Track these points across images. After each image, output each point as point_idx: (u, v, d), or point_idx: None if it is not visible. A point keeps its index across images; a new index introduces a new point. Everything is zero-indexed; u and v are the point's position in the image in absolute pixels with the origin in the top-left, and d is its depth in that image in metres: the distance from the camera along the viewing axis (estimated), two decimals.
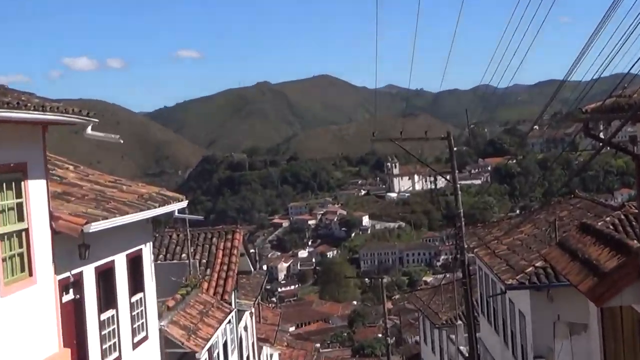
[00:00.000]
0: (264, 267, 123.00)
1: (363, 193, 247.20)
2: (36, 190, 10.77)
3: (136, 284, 15.06)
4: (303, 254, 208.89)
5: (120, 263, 14.15)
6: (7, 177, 10.18)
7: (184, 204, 16.42)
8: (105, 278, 13.54)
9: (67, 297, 12.06)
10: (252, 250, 34.55)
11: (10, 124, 9.77)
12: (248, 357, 26.25)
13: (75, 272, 12.10)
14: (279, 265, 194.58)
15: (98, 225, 11.46)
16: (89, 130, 11.76)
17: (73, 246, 11.75)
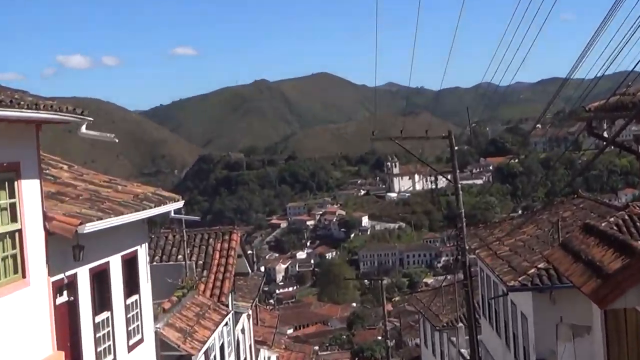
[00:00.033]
0: (262, 269, 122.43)
1: (362, 193, 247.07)
2: (29, 190, 10.69)
3: (131, 286, 14.95)
4: (301, 255, 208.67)
5: (115, 264, 14.04)
6: (0, 177, 10.10)
7: (180, 204, 16.31)
8: (100, 280, 13.44)
9: (61, 299, 11.97)
10: (250, 252, 34.47)
11: (3, 123, 9.70)
12: None
13: (69, 274, 12.01)
14: (277, 266, 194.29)
15: (92, 226, 11.37)
16: (84, 129, 11.71)
17: (67, 247, 11.67)
